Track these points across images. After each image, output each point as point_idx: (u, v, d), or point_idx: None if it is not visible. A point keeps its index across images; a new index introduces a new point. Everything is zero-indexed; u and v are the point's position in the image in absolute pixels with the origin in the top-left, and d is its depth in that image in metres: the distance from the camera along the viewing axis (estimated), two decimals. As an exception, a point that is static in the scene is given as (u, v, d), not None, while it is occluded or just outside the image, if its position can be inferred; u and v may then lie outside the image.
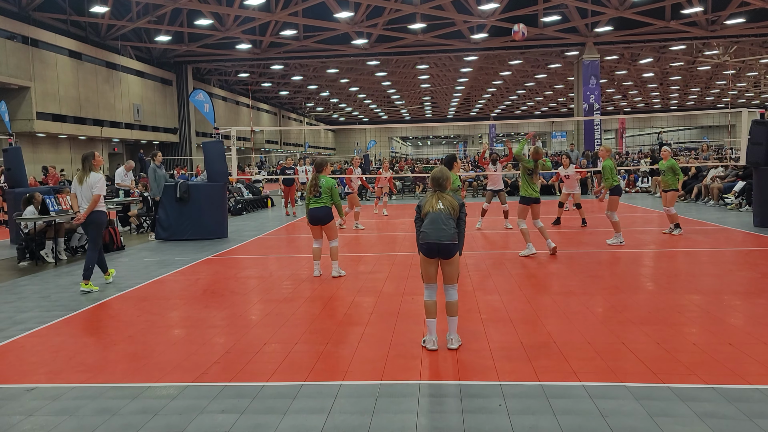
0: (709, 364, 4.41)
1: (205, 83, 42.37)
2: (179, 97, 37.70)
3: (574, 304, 6.27)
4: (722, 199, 16.03)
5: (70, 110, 28.12)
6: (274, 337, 5.42)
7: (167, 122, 37.40)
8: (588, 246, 10.05)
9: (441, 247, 4.82)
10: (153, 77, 35.69)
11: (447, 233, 4.80)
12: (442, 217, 4.83)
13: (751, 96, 62.24)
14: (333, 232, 8.04)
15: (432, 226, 4.82)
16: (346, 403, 3.93)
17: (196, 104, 16.45)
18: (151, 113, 35.37)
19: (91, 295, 7.42)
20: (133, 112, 33.42)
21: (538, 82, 51.42)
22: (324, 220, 7.93)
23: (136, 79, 33.83)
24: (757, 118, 11.83)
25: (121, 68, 32.09)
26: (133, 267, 9.45)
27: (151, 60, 35.49)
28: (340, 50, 33.51)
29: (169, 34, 31.47)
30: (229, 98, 47.67)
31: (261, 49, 33.30)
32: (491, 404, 3.84)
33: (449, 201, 4.90)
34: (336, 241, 8.11)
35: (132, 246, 11.96)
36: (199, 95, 15.89)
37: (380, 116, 73.31)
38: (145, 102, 34.63)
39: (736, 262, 8.35)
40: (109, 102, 31.31)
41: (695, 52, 39.78)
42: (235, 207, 18.51)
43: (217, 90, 44.84)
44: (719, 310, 5.87)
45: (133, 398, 4.13)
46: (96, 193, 7.60)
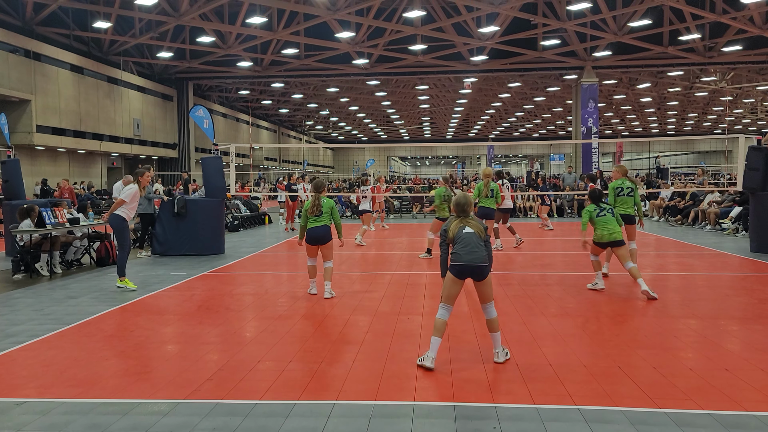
0: (705, 390, 4.38)
1: (205, 99, 42.59)
2: (179, 112, 37.86)
3: (570, 327, 6.24)
4: (719, 224, 16.06)
5: (70, 124, 28.21)
6: (268, 355, 5.38)
7: (167, 137, 37.52)
8: (587, 269, 10.04)
9: (474, 269, 4.94)
10: (154, 92, 35.88)
11: (480, 255, 4.94)
12: (474, 239, 4.97)
13: (748, 122, 62.73)
14: (330, 252, 7.98)
15: (465, 249, 4.95)
16: (339, 423, 3.88)
17: (195, 120, 16.51)
18: (150, 128, 35.50)
19: (85, 310, 7.37)
20: (133, 127, 33.54)
21: (536, 105, 51.79)
22: (323, 239, 7.85)
23: (136, 94, 34.00)
24: (754, 144, 11.90)
25: (122, 83, 32.27)
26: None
27: (153, 75, 35.70)
28: (341, 69, 33.76)
29: (171, 50, 31.71)
30: (229, 115, 47.90)
31: (262, 66, 33.54)
32: (486, 426, 3.80)
33: (476, 224, 5.05)
34: (331, 262, 8.03)
35: (128, 260, 11.89)
36: (199, 111, 15.96)
37: (379, 135, 73.65)
38: (145, 117, 34.77)
39: (733, 287, 8.34)
40: (110, 116, 31.43)
41: (693, 77, 40.16)
42: (233, 223, 18.48)
43: (217, 106, 45.07)
44: (716, 335, 5.85)
45: (123, 414, 4.08)
46: (119, 197, 8.66)
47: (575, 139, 34.34)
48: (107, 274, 10.23)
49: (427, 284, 8.83)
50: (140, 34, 29.14)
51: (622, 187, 8.95)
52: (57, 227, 10.29)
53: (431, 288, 8.53)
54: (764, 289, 8.04)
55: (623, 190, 8.94)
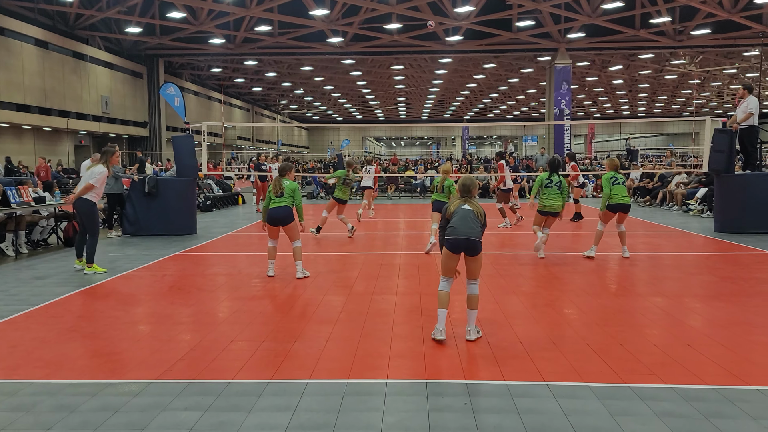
0: (669, 365, 4.51)
1: (176, 77, 41.75)
2: (150, 90, 37.07)
3: (541, 306, 6.35)
4: (685, 205, 16.42)
5: (34, 100, 27.45)
6: (241, 335, 5.37)
7: (137, 116, 36.77)
8: (554, 249, 10.18)
9: (468, 243, 5.10)
10: (123, 69, 35.05)
11: (475, 231, 5.11)
12: (471, 215, 5.16)
13: (715, 105, 63.87)
14: (294, 233, 7.91)
15: (461, 223, 5.13)
16: (312, 401, 3.91)
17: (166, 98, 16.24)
18: (120, 106, 34.74)
19: (53, 291, 7.26)
20: (101, 104, 32.78)
21: (511, 86, 51.96)
22: (284, 221, 7.78)
23: (104, 70, 33.18)
24: (720, 127, 12.14)
25: (89, 59, 31.45)
26: (98, 261, 9.25)
27: (121, 52, 34.84)
28: (315, 48, 33.36)
29: (140, 25, 30.94)
30: (201, 93, 47.09)
31: (235, 44, 32.97)
32: (457, 403, 3.86)
33: (476, 205, 5.24)
34: (299, 242, 7.97)
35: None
36: (170, 89, 15.69)
37: (355, 116, 73.23)
38: (114, 94, 34.00)
39: (697, 266, 8.56)
40: (76, 93, 30.65)
41: (663, 61, 40.66)
42: (205, 203, 18.29)
43: (188, 84, 44.26)
44: (680, 312, 6.01)
45: (93, 395, 4.04)
46: (89, 181, 8.14)
47: (548, 120, 34.61)
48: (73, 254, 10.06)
49: (401, 264, 8.87)
50: (107, 8, 28.34)
51: (616, 177, 9.11)
52: (22, 206, 10.06)
53: (405, 268, 8.58)
54: (726, 268, 8.27)
55: (618, 179, 9.11)
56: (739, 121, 11.71)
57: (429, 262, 9.00)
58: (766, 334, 5.26)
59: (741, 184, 11.73)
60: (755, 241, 10.60)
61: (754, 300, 6.45)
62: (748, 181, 11.71)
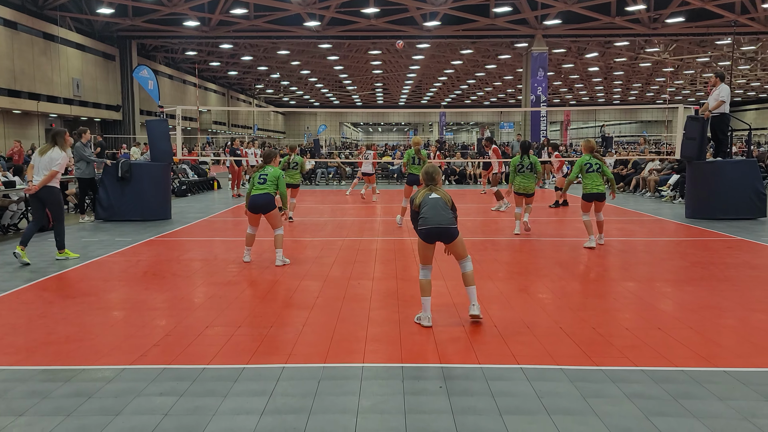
0: (639, 348, 4.61)
1: (150, 60, 40.99)
2: (122, 73, 36.34)
3: (515, 290, 6.43)
4: (658, 191, 16.69)
5: (3, 82, 26.74)
6: (217, 320, 5.35)
7: (109, 99, 36.07)
8: (531, 234, 10.29)
9: (441, 231, 5.12)
10: (94, 51, 34.28)
11: (446, 217, 5.12)
12: (440, 203, 5.16)
13: (688, 93, 64.76)
14: (276, 221, 7.83)
15: (432, 212, 5.13)
16: (288, 386, 3.92)
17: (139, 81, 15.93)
18: (92, 89, 34.02)
19: (24, 276, 7.13)
20: (73, 87, 32.07)
21: (488, 73, 52.03)
22: (266, 208, 7.69)
23: (75, 52, 32.42)
24: (692, 115, 12.32)
25: (59, 40, 30.69)
26: (70, 247, 9.09)
27: (93, 33, 34.04)
28: (292, 32, 33.00)
29: (111, 6, 30.24)
30: (175, 76, 46.33)
31: (209, 27, 32.44)
32: (432, 386, 3.90)
33: (443, 192, 5.25)
34: (280, 230, 7.89)
35: (69, 225, 11.52)
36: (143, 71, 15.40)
37: (331, 101, 72.76)
38: (85, 77, 33.27)
39: (669, 251, 8.73)
40: (47, 75, 29.93)
41: (637, 48, 41.04)
42: (180, 188, 18.07)
43: (162, 67, 43.49)
44: (651, 296, 6.13)
45: (65, 381, 4.00)
46: (54, 169, 7.87)
47: (525, 107, 34.79)
48: (47, 239, 9.89)
49: (377, 250, 8.89)
50: (78, -11, 27.65)
51: (590, 164, 8.83)
52: (-8, 191, 9.84)
53: (382, 253, 8.60)
54: (696, 253, 8.45)
55: (591, 166, 8.82)
56: (711, 109, 11.90)
57: (405, 248, 9.03)
58: (733, 318, 5.39)
59: (712, 171, 11.95)
60: (725, 226, 10.82)
61: (722, 284, 6.60)
62: (719, 168, 11.93)
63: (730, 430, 3.30)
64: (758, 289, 6.41)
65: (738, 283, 6.67)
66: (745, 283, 6.67)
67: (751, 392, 3.79)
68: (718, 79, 12.01)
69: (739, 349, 4.57)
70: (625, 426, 3.35)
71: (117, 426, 3.37)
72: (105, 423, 3.41)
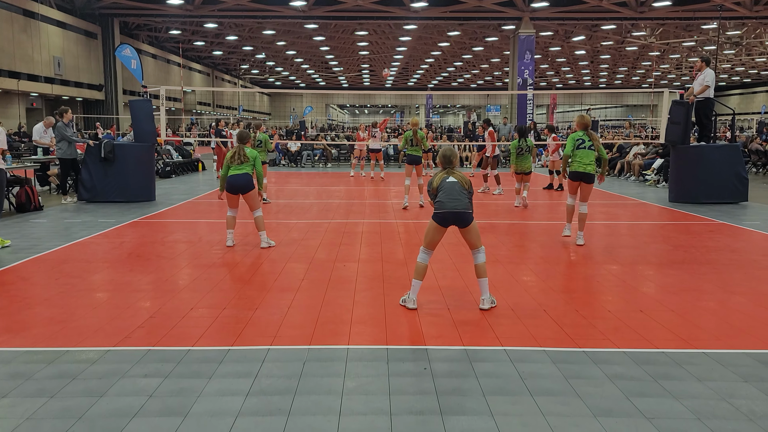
0: (621, 330, 4.67)
1: (133, 39, 40.32)
2: (105, 52, 35.72)
3: (501, 273, 6.47)
4: (642, 175, 16.82)
5: (-18, 60, 26.22)
6: (202, 302, 5.33)
7: (91, 78, 35.49)
8: (516, 217, 10.35)
9: (458, 216, 5.09)
10: (76, 29, 33.65)
11: (462, 203, 5.09)
12: (456, 188, 5.13)
13: (673, 77, 65.07)
14: (254, 202, 7.71)
15: (447, 197, 5.10)
16: (274, 367, 3.93)
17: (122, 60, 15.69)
18: (73, 68, 33.45)
19: (4, 257, 7.05)
20: (54, 66, 31.51)
21: (475, 55, 51.85)
22: (244, 189, 7.58)
23: (56, 30, 31.79)
24: (677, 99, 12.39)
25: (40, 17, 30.07)
26: (52, 228, 9.03)
27: (74, 11, 33.39)
28: (278, 11, 32.57)
29: (93, -17, 29.65)
30: (159, 56, 45.66)
31: (194, 5, 31.92)
32: (417, 368, 3.93)
33: (461, 175, 5.21)
34: (259, 211, 7.77)
35: (51, 207, 11.41)
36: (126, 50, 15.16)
37: (318, 82, 72.18)
38: (66, 55, 32.68)
39: (652, 235, 8.82)
40: (27, 53, 29.36)
41: (624, 32, 41.07)
42: (164, 169, 17.91)
43: (146, 47, 42.81)
44: (634, 279, 6.20)
45: (49, 363, 3.98)
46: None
47: (512, 90, 34.76)
48: (28, 220, 9.78)
49: (364, 232, 8.89)
50: (58, -35, 27.05)
51: (583, 139, 7.95)
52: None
53: (368, 236, 8.60)
54: (679, 237, 8.55)
55: (584, 142, 7.93)
56: (696, 94, 11.97)
57: (391, 230, 9.04)
58: (714, 300, 5.48)
59: (695, 155, 12.06)
60: (707, 210, 10.95)
61: (703, 267, 6.70)
62: (703, 152, 12.03)
63: (709, 410, 3.37)
64: (738, 272, 6.51)
65: (718, 266, 6.76)
66: (725, 266, 6.77)
67: (730, 373, 3.86)
68: (704, 64, 12.06)
69: (719, 331, 4.65)
70: (606, 407, 3.40)
71: (101, 407, 3.37)
72: (89, 404, 3.40)
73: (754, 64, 51.87)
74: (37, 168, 13.50)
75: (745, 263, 6.90)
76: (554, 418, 3.27)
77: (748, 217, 10.33)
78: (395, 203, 12.17)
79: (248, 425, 3.18)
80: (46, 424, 3.18)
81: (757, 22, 34.76)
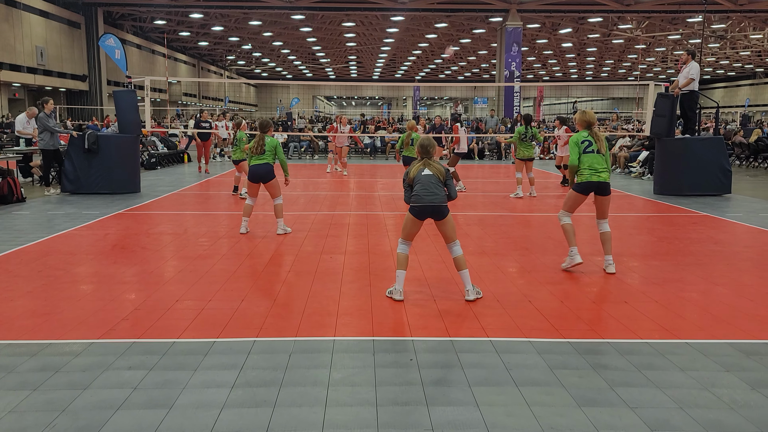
0: (606, 321, 4.71)
1: (117, 29, 39.80)
2: (88, 42, 35.25)
3: (487, 264, 6.49)
4: (628, 168, 16.93)
5: (-38, 50, 25.78)
6: (187, 294, 5.30)
7: (75, 68, 35.04)
8: (503, 209, 10.38)
9: (434, 209, 5.10)
10: (59, 18, 33.16)
11: (438, 196, 5.10)
12: (432, 181, 5.13)
13: (659, 70, 65.44)
14: (275, 190, 8.00)
15: (424, 190, 5.09)
16: (260, 359, 3.92)
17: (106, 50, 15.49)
18: (56, 58, 32.99)
19: (-13, 249, 6.96)
20: (36, 56, 31.06)
21: (462, 47, 51.79)
22: (265, 178, 7.86)
23: (39, 19, 31.32)
24: (662, 92, 12.47)
25: (22, 6, 29.59)
26: (34, 220, 8.93)
27: (57, 0, 32.91)
28: (264, 2, 32.31)
29: (76, -28, 29.22)
30: (144, 46, 45.15)
31: (179, -5, 31.58)
32: (403, 359, 3.94)
33: (436, 167, 5.19)
34: (280, 199, 8.07)
35: (34, 198, 11.27)
36: (110, 40, 14.97)
37: (304, 74, 71.76)
38: (50, 45, 32.22)
39: (637, 226, 8.89)
40: (9, 43, 28.90)
41: (611, 25, 41.22)
42: (149, 161, 17.75)
43: (130, 37, 42.31)
44: (618, 270, 6.25)
45: (32, 355, 3.94)
46: None
47: (499, 82, 34.80)
48: (11, 212, 9.66)
49: (350, 224, 8.88)
50: (40, -47, 26.59)
51: (589, 141, 6.09)
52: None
53: (354, 228, 8.60)
54: (663, 228, 8.62)
55: (591, 144, 6.07)
56: (681, 87, 12.05)
57: (378, 222, 9.03)
58: (696, 291, 5.54)
59: (680, 147, 12.15)
60: (691, 202, 11.05)
61: (687, 259, 6.77)
62: (687, 145, 12.13)
63: (691, 399, 3.41)
64: (720, 263, 6.58)
65: (702, 257, 6.84)
66: (708, 257, 6.84)
67: (711, 363, 3.91)
68: (690, 56, 12.14)
69: (701, 322, 4.70)
70: (591, 397, 3.43)
71: (85, 400, 3.34)
72: (72, 397, 3.37)
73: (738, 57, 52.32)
74: (19, 159, 13.32)
75: (727, 255, 6.98)
76: (539, 408, 3.30)
77: (732, 209, 10.45)
78: (382, 195, 12.16)
79: (233, 417, 3.17)
80: (29, 417, 3.15)
81: (741, 15, 35.04)
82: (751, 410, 3.29)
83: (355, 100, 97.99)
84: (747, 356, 4.02)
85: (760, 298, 5.31)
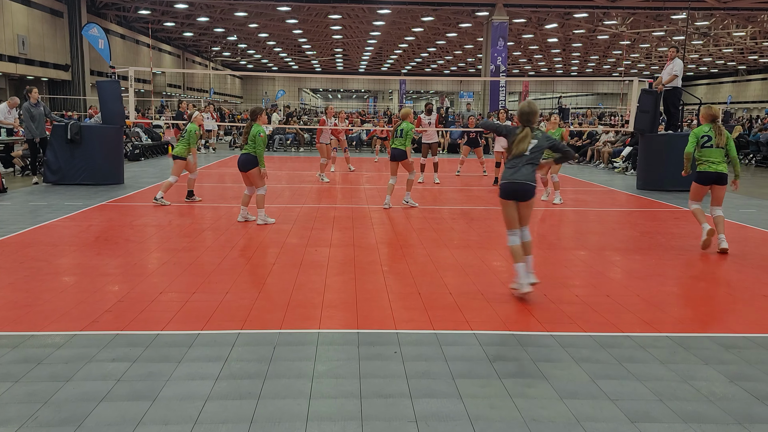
0: (588, 314, 4.76)
1: (101, 18, 39.26)
2: (71, 31, 34.72)
3: (471, 258, 6.53)
4: (611, 163, 17.07)
5: (-59, 37, 25.29)
6: (171, 286, 5.28)
7: (57, 58, 34.53)
8: (486, 203, 10.43)
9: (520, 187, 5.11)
10: (41, 7, 32.63)
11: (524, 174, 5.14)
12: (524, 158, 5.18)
13: (643, 67, 65.91)
14: (256, 180, 8.06)
15: (512, 169, 5.16)
16: (244, 351, 3.92)
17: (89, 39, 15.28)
18: (38, 47, 32.48)
19: (-33, 241, 6.87)
20: (18, 44, 30.56)
21: (448, 41, 51.76)
22: (244, 167, 8.01)
23: (20, 7, 30.80)
24: (646, 88, 12.57)
25: (2, -6, 29.09)
26: (16, 211, 8.82)
27: (38, -13, 32.37)
28: (250, -7, 32.03)
29: (58, -41, 28.74)
30: (128, 36, 44.58)
31: (163, -16, 31.20)
32: (387, 351, 3.96)
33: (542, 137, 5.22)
34: (262, 189, 8.15)
35: (16, 189, 11.13)
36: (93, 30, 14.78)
37: (290, 66, 71.35)
38: (31, 34, 31.71)
39: (619, 221, 8.98)
40: (-11, 31, 28.42)
41: (596, 21, 41.43)
42: (133, 152, 17.58)
43: (114, 26, 41.75)
44: (601, 265, 6.32)
45: (13, 347, 3.90)
46: None
47: (484, 76, 34.87)
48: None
49: (335, 217, 8.88)
50: (21, -61, 26.11)
51: (709, 136, 6.82)
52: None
53: (339, 221, 8.59)
54: (645, 223, 8.72)
55: (710, 140, 6.81)
56: (664, 83, 12.16)
57: (363, 215, 9.04)
58: (677, 285, 5.62)
59: (663, 143, 12.27)
60: (673, 198, 11.18)
61: (669, 253, 6.85)
62: (670, 141, 12.25)
63: (671, 391, 3.47)
64: (701, 258, 6.68)
65: (683, 252, 6.93)
66: (689, 252, 6.93)
67: (691, 356, 3.97)
68: (676, 53, 12.25)
69: (682, 316, 4.77)
70: (572, 389, 3.48)
71: (67, 392, 3.32)
72: (55, 389, 3.35)
73: (721, 54, 52.84)
74: (0, 149, 13.13)
75: (708, 250, 7.07)
76: (521, 400, 3.33)
77: (712, 204, 10.58)
78: (367, 188, 12.16)
79: (218, 409, 3.17)
80: (12, 409, 3.13)
81: (724, 13, 35.40)
82: (729, 402, 3.35)
83: (342, 93, 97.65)
84: (726, 350, 4.09)
85: (740, 293, 5.39)
